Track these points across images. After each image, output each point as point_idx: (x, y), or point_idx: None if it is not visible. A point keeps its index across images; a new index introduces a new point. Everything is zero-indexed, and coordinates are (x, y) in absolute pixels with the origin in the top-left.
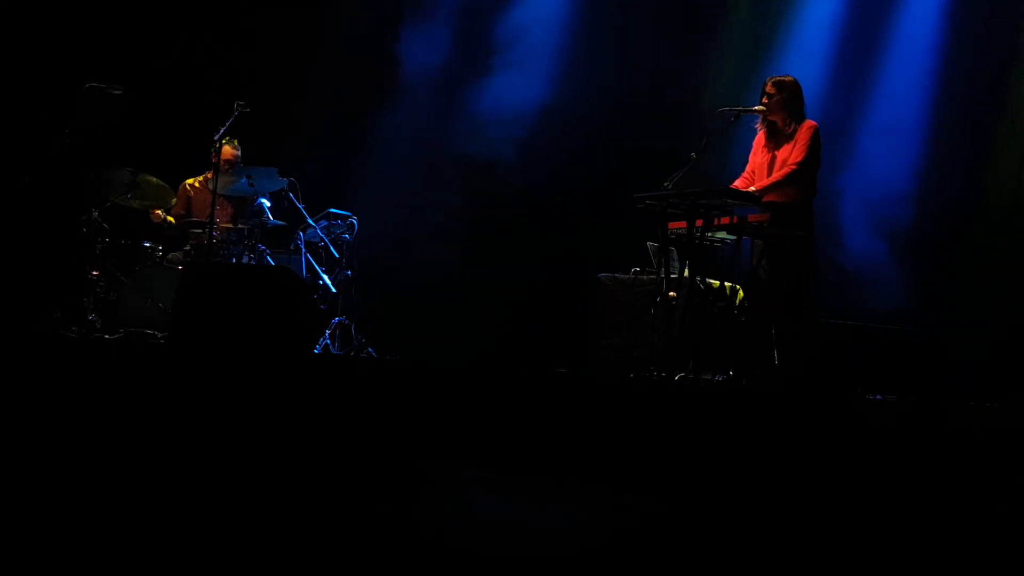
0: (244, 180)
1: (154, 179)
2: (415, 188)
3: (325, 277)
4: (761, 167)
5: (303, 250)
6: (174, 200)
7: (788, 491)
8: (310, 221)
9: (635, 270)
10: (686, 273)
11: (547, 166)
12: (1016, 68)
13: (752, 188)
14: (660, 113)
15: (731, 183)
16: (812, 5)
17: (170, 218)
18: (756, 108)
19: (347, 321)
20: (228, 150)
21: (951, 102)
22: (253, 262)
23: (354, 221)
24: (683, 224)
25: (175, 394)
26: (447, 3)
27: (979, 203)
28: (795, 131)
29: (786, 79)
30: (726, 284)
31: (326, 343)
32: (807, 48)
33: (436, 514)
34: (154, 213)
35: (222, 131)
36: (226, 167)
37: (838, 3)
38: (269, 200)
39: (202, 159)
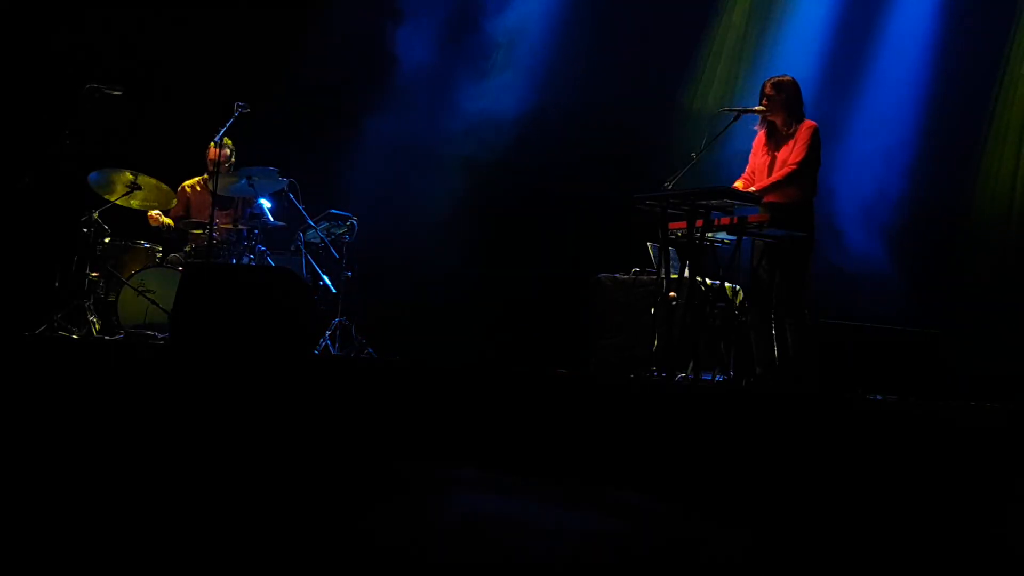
0: (244, 181)
1: (154, 180)
2: (415, 189)
3: (325, 278)
4: (761, 168)
5: (303, 251)
6: (174, 201)
7: (788, 491)
8: (310, 222)
9: (635, 270)
10: (686, 273)
11: (547, 166)
12: (1010, 67)
13: (752, 188)
14: (659, 114)
15: (731, 183)
16: (808, 5)
17: (168, 220)
18: (756, 108)
19: (347, 322)
20: (223, 150)
21: (946, 101)
22: (253, 263)
23: (354, 222)
24: (683, 224)
25: (175, 395)
26: (446, 3)
27: (975, 202)
28: (795, 131)
29: (784, 79)
30: (726, 284)
31: (326, 344)
32: (803, 48)
33: (436, 514)
34: (151, 216)
35: (222, 132)
36: (215, 168)
37: (834, 3)
38: (269, 201)
39: (201, 160)
